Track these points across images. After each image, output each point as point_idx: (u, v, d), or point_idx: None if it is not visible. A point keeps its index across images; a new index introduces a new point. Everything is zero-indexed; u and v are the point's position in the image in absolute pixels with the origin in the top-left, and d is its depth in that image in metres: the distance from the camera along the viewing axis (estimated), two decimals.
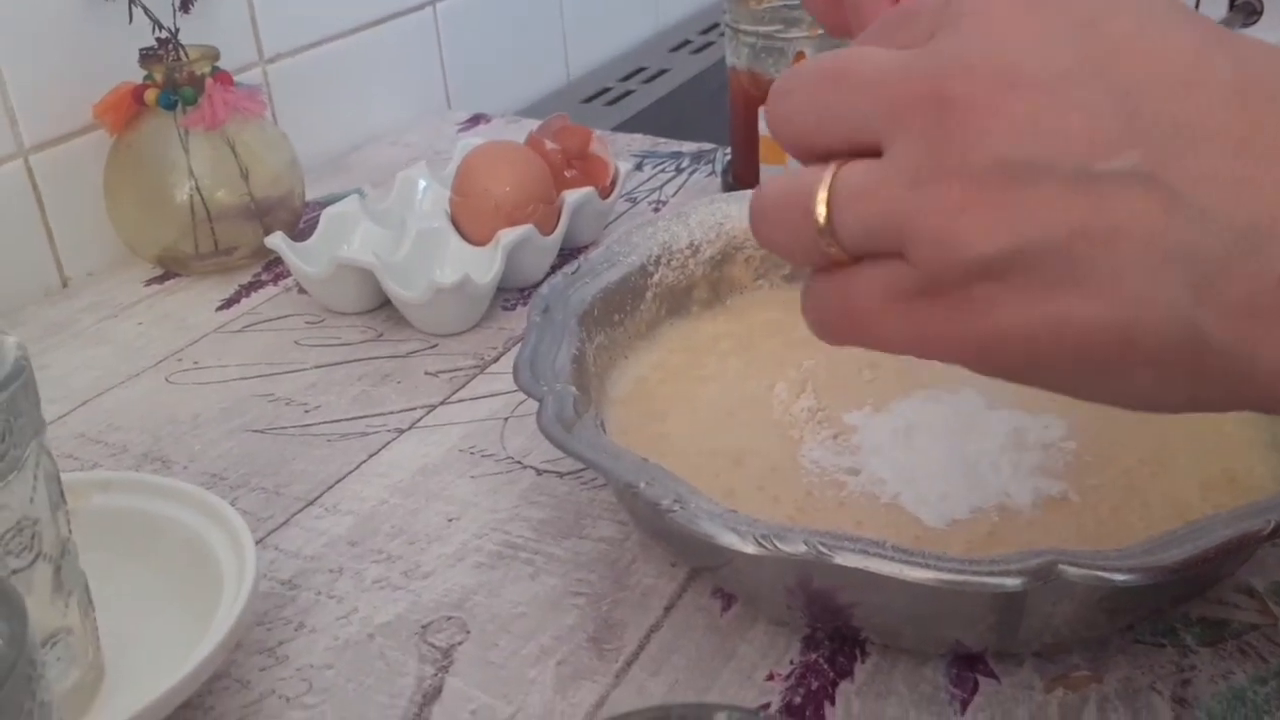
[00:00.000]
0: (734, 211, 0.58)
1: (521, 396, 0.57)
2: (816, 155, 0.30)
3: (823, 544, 0.36)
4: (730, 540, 0.36)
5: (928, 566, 0.35)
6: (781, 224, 0.31)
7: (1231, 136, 0.26)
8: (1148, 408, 0.30)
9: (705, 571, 0.45)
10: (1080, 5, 0.28)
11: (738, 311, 0.58)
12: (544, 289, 0.52)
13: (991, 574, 0.34)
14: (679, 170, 0.86)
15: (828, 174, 0.30)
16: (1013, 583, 0.34)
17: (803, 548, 0.36)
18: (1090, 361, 0.28)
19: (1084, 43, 0.27)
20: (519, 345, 0.48)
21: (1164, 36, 0.27)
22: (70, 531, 0.39)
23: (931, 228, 0.28)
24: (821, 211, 0.30)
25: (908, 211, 0.28)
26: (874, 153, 0.29)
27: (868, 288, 0.30)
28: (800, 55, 0.70)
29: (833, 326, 0.32)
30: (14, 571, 0.36)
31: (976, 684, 0.41)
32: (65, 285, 0.75)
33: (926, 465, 0.46)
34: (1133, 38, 0.27)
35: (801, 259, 0.31)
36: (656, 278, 0.56)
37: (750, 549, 0.36)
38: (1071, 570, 0.34)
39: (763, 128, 0.73)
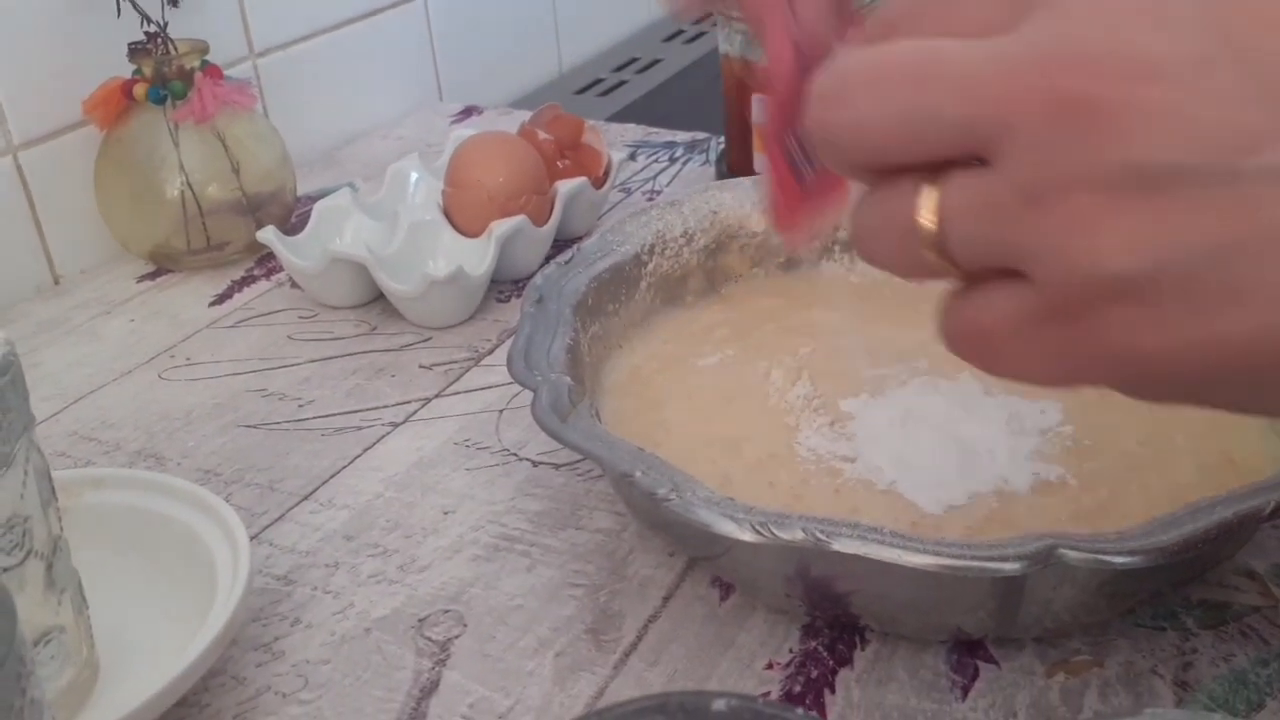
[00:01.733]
0: (728, 199, 0.58)
1: (516, 389, 0.57)
2: (897, 169, 0.27)
3: (820, 530, 0.35)
4: (727, 528, 0.36)
5: (926, 551, 0.35)
6: (887, 243, 0.28)
7: None
8: None
9: (703, 561, 0.45)
10: None
11: (734, 300, 0.58)
12: (537, 279, 0.52)
13: (991, 558, 0.34)
14: (673, 160, 0.85)
15: (928, 189, 0.26)
16: (1012, 567, 0.34)
17: (800, 534, 0.35)
18: (1261, 379, 0.25)
19: (1210, 22, 0.24)
20: (513, 336, 0.48)
21: None
22: (62, 528, 0.39)
23: (1057, 245, 0.25)
24: (929, 228, 0.26)
25: (1028, 227, 0.25)
26: (972, 160, 0.26)
27: (996, 314, 0.27)
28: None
29: (971, 355, 0.28)
30: (4, 569, 0.36)
31: (977, 670, 0.40)
32: (57, 282, 0.74)
33: (923, 452, 0.45)
34: (1260, 8, 0.23)
35: (916, 276, 0.28)
36: (651, 267, 0.55)
37: (748, 536, 0.36)
38: (1071, 554, 0.34)
39: (756, 115, 0.72)
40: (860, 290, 0.58)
